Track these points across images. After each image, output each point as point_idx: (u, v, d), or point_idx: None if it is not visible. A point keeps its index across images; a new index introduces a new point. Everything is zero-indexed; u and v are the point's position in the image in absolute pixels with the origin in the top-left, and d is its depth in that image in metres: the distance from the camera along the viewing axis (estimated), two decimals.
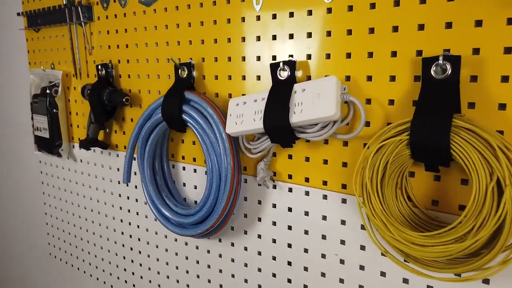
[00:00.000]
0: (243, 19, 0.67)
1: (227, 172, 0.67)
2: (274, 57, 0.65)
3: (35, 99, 1.06)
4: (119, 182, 0.97)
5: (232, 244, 0.77)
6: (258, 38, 0.66)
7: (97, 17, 0.91)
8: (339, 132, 0.58)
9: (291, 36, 0.62)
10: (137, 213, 0.94)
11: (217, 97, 0.73)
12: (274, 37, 0.64)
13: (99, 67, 0.89)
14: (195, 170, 0.80)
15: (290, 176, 0.66)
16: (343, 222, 0.61)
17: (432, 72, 0.48)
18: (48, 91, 1.02)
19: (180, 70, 0.75)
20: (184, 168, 0.82)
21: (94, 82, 0.90)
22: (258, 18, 0.65)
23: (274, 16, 0.63)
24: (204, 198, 0.72)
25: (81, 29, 0.95)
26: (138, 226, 0.95)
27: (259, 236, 0.72)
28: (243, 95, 0.70)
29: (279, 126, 0.58)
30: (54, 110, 1.02)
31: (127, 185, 0.95)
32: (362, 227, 0.59)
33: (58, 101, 1.02)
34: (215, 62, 0.72)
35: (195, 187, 0.81)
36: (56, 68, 1.06)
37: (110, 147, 0.96)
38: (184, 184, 0.83)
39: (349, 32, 0.56)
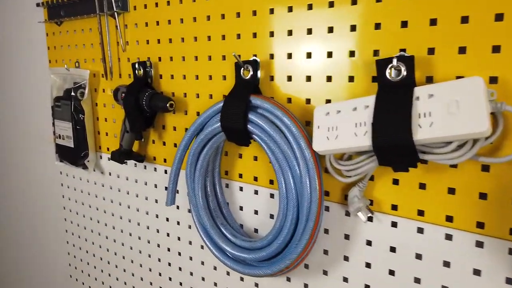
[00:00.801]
0: (331, 4, 0.52)
1: (311, 200, 0.52)
2: (375, 52, 0.50)
3: (57, 102, 0.92)
4: (156, 201, 0.83)
5: (306, 286, 0.62)
6: (353, 28, 0.51)
7: (133, 6, 0.77)
8: (481, 153, 0.43)
9: (404, 24, 0.47)
10: (179, 238, 0.80)
11: (289, 103, 0.59)
12: (377, 26, 0.49)
13: (136, 65, 0.75)
14: (256, 192, 0.66)
15: (394, 207, 0.51)
16: (476, 272, 0.46)
17: None
18: (73, 93, 0.88)
19: (242, 69, 0.60)
20: (241, 189, 0.68)
21: (130, 83, 0.76)
22: (354, 1, 0.50)
23: None
24: (275, 230, 0.57)
25: (113, 21, 0.81)
26: (179, 253, 0.80)
27: (345, 280, 0.57)
28: (328, 101, 0.55)
29: (397, 144, 0.43)
30: (80, 116, 0.89)
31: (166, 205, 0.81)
32: (509, 281, 0.44)
33: (84, 105, 0.89)
34: (288, 60, 0.58)
35: (256, 212, 0.66)
36: (81, 67, 0.92)
37: (146, 160, 0.82)
38: (241, 208, 0.68)
39: (499, 17, 0.41)
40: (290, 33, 0.57)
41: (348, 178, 0.51)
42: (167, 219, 0.81)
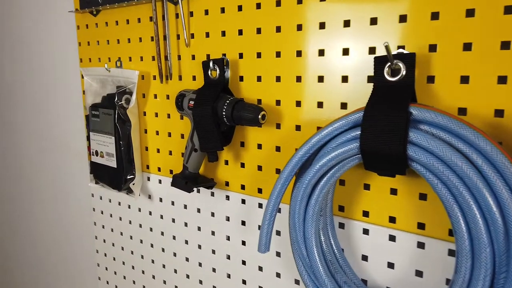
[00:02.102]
0: None
1: None
2: None
3: (94, 111, 0.74)
4: (228, 238, 0.64)
5: None
6: None
7: None
8: None
9: None
10: None
11: (463, 115, 0.41)
12: None
13: (211, 64, 0.57)
14: (392, 238, 0.47)
15: None
16: None
17: None
18: (116, 99, 0.70)
19: (389, 65, 0.42)
20: (366, 231, 0.49)
21: (201, 88, 0.58)
22: None
23: None
24: None
25: (172, 7, 0.63)
26: None
27: None
28: None
29: None
30: (127, 128, 0.70)
31: (243, 244, 0.62)
32: None
33: (130, 115, 0.70)
34: (465, 52, 0.40)
35: (391, 266, 0.48)
36: (123, 67, 0.74)
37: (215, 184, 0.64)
38: (365, 258, 0.50)
39: None
40: (470, 13, 0.39)
41: None
42: (244, 263, 0.63)
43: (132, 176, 0.72)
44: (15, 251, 1.21)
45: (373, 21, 0.45)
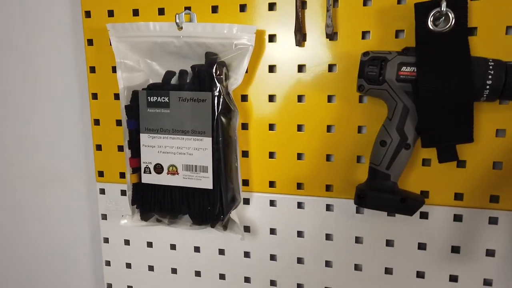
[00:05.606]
0: None
1: None
2: None
3: (157, 97, 0.43)
4: (422, 277, 0.43)
5: None
6: None
7: None
8: None
9: None
10: None
11: None
12: None
13: (443, 7, 0.35)
14: None
15: None
16: None
17: None
18: (217, 74, 0.41)
19: None
20: None
21: (422, 46, 0.36)
22: None
23: None
24: None
25: None
26: None
27: None
28: None
29: None
30: (232, 123, 0.42)
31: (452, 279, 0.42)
32: None
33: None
34: None
35: None
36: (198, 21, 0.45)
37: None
38: None
39: None
40: None
41: None
42: None
43: (234, 199, 0.44)
44: None
45: None
